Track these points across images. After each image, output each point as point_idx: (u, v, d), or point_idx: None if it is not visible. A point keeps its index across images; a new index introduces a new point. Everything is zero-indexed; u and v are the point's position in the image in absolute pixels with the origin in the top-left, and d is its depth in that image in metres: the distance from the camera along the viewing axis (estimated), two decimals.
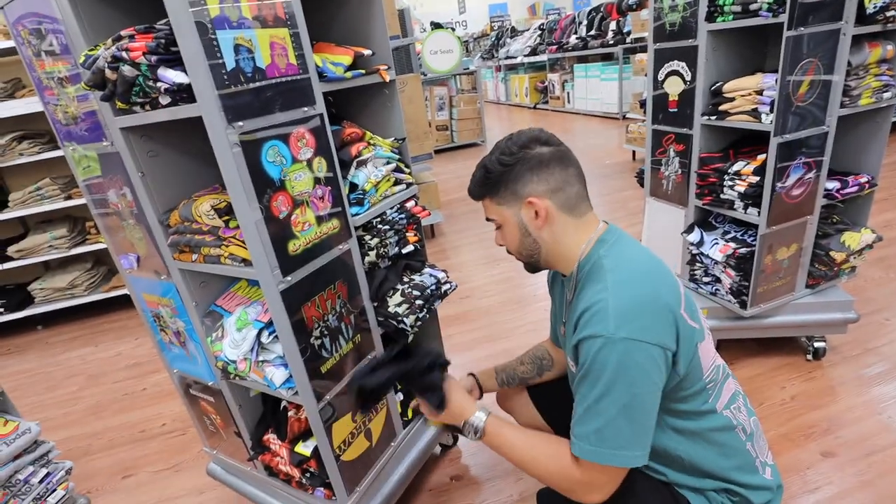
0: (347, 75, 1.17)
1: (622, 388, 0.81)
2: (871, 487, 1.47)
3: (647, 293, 0.85)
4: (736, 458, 0.96)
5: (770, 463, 1.02)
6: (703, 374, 0.91)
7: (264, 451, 1.37)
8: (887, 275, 2.52)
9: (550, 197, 0.95)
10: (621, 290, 0.85)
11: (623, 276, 0.88)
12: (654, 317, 0.84)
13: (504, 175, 0.96)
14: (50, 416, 2.43)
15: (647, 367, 0.82)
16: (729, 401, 0.97)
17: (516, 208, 0.98)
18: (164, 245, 1.17)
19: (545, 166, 0.95)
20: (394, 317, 1.29)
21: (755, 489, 0.95)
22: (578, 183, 0.98)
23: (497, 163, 0.96)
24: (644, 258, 0.94)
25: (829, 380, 1.91)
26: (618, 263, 0.90)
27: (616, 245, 0.94)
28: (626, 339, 0.81)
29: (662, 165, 2.04)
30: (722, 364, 1.00)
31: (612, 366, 0.81)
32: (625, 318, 0.82)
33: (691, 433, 0.94)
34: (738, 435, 0.96)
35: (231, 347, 1.16)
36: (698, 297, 2.03)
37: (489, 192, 1.00)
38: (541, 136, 0.97)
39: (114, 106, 1.02)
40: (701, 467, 0.95)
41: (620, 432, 0.83)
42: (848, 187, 1.80)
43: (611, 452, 0.83)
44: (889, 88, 1.71)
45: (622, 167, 5.20)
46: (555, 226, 0.97)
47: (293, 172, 1.02)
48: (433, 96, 6.75)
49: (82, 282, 3.29)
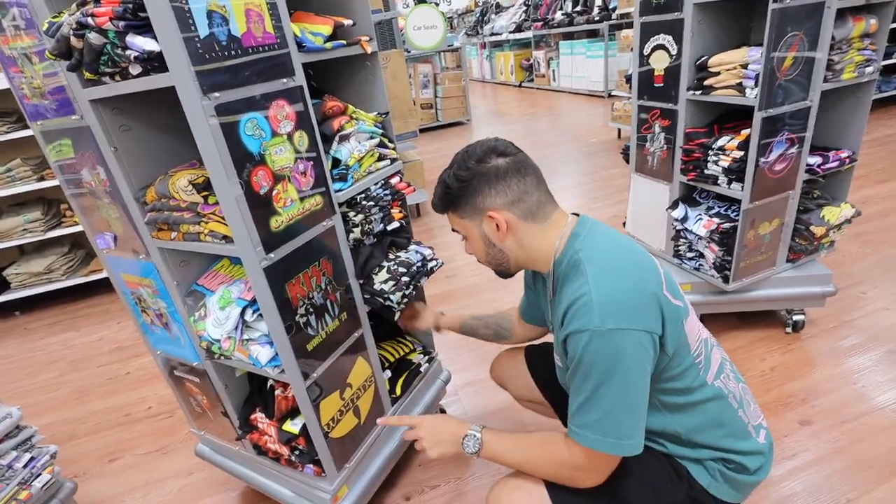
0: (328, 46, 1.14)
1: (616, 378, 0.83)
2: (845, 454, 1.52)
3: (627, 281, 0.87)
4: (729, 426, 0.98)
5: (764, 426, 1.04)
6: (690, 349, 0.93)
7: (252, 431, 1.37)
8: (864, 250, 2.58)
9: (510, 208, 0.96)
10: (602, 282, 0.86)
11: (602, 267, 0.88)
12: (637, 304, 0.85)
13: (462, 190, 0.97)
14: (32, 402, 2.39)
15: (637, 355, 0.83)
16: (717, 371, 0.98)
17: (478, 221, 0.99)
18: (141, 223, 1.14)
19: (502, 179, 0.95)
20: (380, 294, 1.28)
21: (749, 454, 0.97)
22: (538, 189, 0.98)
23: (455, 178, 0.97)
24: (619, 246, 0.94)
25: (807, 352, 1.96)
26: (594, 255, 0.91)
27: (589, 237, 0.95)
28: (612, 329, 0.82)
29: (648, 141, 2.04)
30: (707, 336, 1.01)
31: (603, 357, 0.83)
32: (609, 310, 0.83)
33: (684, 407, 0.96)
34: (731, 403, 0.98)
35: (214, 326, 1.14)
36: (682, 272, 2.05)
37: (450, 206, 1.02)
38: (497, 147, 0.97)
39: (81, 77, 0.97)
40: (696, 439, 0.97)
41: (620, 422, 0.85)
42: (829, 162, 1.82)
43: (613, 442, 0.86)
44: (871, 63, 1.72)
45: (608, 145, 5.20)
46: (518, 234, 0.98)
47: (273, 146, 0.99)
48: (417, 73, 6.64)
49: (60, 266, 3.22)
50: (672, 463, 0.99)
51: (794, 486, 1.44)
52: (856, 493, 1.40)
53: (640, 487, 0.97)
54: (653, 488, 0.97)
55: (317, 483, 1.32)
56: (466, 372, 2.08)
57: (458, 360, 2.15)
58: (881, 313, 2.10)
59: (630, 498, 0.97)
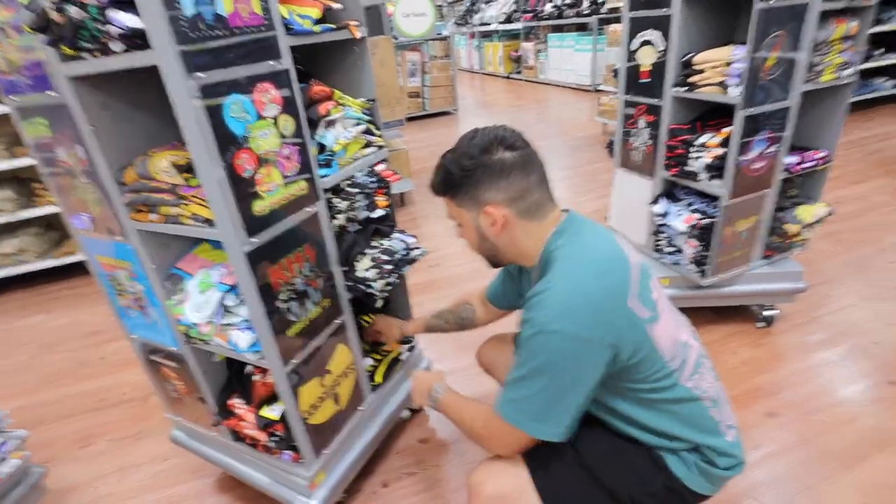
0: (316, 29, 1.12)
1: (549, 374, 0.87)
2: (810, 444, 1.58)
3: (589, 288, 0.87)
4: (700, 424, 0.99)
5: (734, 426, 1.04)
6: (662, 355, 0.93)
7: (229, 416, 1.36)
8: (835, 248, 2.66)
9: (509, 205, 0.95)
10: (563, 284, 0.87)
11: (569, 269, 0.90)
12: (592, 313, 0.85)
13: (464, 179, 0.95)
14: (0, 386, 2.33)
15: (578, 359, 0.86)
16: (692, 372, 0.99)
17: (475, 213, 0.98)
18: (119, 204, 1.11)
19: (506, 175, 0.93)
20: (362, 281, 1.28)
21: (720, 453, 0.99)
22: (540, 188, 0.97)
23: (457, 166, 0.95)
24: (596, 248, 0.94)
25: (777, 346, 2.02)
26: (567, 255, 0.92)
27: (571, 236, 0.95)
28: (558, 331, 0.84)
29: (632, 136, 2.06)
30: (685, 341, 1.00)
31: (542, 353, 0.86)
32: (560, 311, 0.85)
33: (654, 403, 0.97)
34: (703, 403, 0.98)
35: (193, 311, 1.13)
36: (661, 266, 2.09)
37: (448, 192, 1.00)
38: (505, 139, 0.94)
39: (60, 52, 0.94)
40: (668, 433, 0.99)
41: (538, 408, 0.90)
42: (806, 162, 1.87)
43: (524, 421, 0.91)
44: (850, 65, 1.76)
45: (593, 139, 5.24)
46: (513, 231, 0.98)
47: (258, 130, 0.98)
48: (405, 61, 6.57)
49: (32, 247, 3.12)
50: (650, 453, 1.01)
51: (760, 476, 1.49)
52: (818, 482, 1.46)
53: (619, 474, 1.00)
54: (633, 474, 1.00)
55: (294, 469, 1.33)
56: (446, 360, 2.09)
57: (439, 349, 2.16)
58: (848, 310, 2.18)
59: (609, 483, 1.00)
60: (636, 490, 0.99)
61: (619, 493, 0.99)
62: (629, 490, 0.99)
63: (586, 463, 1.02)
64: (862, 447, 1.55)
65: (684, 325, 1.04)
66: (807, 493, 1.43)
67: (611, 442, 1.03)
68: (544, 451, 1.05)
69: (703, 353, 1.06)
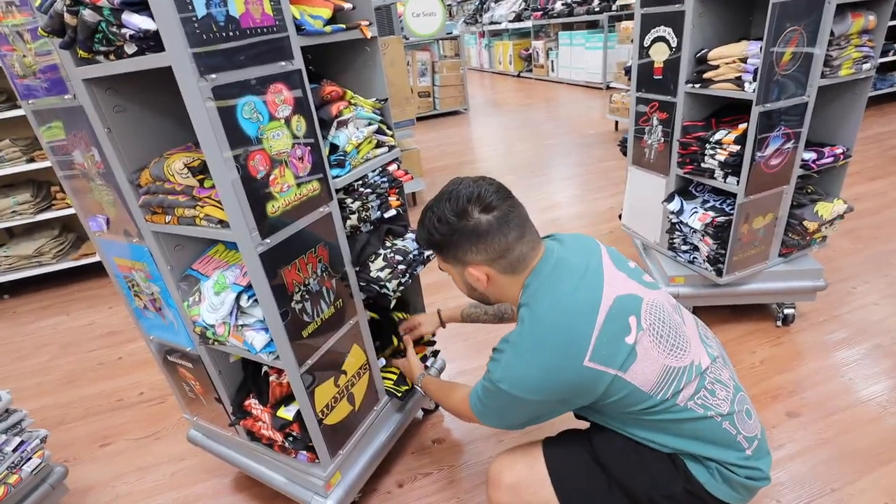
0: (327, 29, 1.12)
1: (497, 408, 1.00)
2: (831, 445, 1.55)
3: (538, 363, 0.91)
4: (714, 439, 0.95)
5: (758, 436, 0.99)
6: (645, 391, 0.91)
7: (246, 417, 1.37)
8: (855, 245, 2.61)
9: (491, 265, 0.98)
10: (516, 355, 0.93)
11: (525, 339, 0.93)
12: (538, 384, 0.91)
13: (444, 242, 0.98)
14: (21, 387, 2.37)
15: (522, 409, 0.97)
16: (693, 393, 0.94)
17: (460, 269, 1.02)
18: (134, 206, 1.12)
19: (483, 237, 0.94)
20: (376, 281, 1.28)
21: (738, 466, 0.95)
22: (520, 242, 0.96)
23: (436, 230, 0.98)
24: (555, 309, 0.92)
25: (796, 345, 1.99)
26: (526, 318, 0.94)
27: (534, 294, 0.95)
28: (506, 391, 0.93)
29: (645, 134, 2.04)
30: (685, 365, 0.94)
31: (494, 396, 0.97)
32: (508, 377, 0.93)
33: (658, 424, 0.95)
34: (712, 420, 0.94)
35: (209, 311, 1.13)
36: (675, 264, 2.06)
37: (433, 249, 1.05)
38: (482, 197, 0.94)
39: (75, 55, 0.95)
40: (681, 448, 0.96)
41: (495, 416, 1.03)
42: (824, 158, 1.83)
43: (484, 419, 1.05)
44: (868, 60, 1.73)
45: (604, 137, 5.20)
46: (499, 284, 1.01)
47: (271, 130, 0.98)
48: (415, 61, 6.58)
49: (50, 249, 3.18)
50: (670, 456, 0.98)
51: (780, 476, 1.47)
52: (840, 483, 1.43)
53: (635, 473, 0.99)
54: (649, 476, 0.98)
55: (310, 469, 1.33)
56: (459, 361, 2.09)
57: (453, 350, 2.16)
58: (869, 308, 2.13)
59: (627, 483, 0.99)
60: (653, 491, 0.97)
61: (636, 491, 0.98)
62: (646, 490, 0.98)
63: (602, 460, 1.02)
64: (885, 448, 1.51)
65: (688, 345, 0.98)
66: (829, 495, 1.40)
67: (628, 442, 1.01)
68: (562, 446, 1.08)
69: (717, 366, 1.00)
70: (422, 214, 1.02)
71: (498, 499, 1.07)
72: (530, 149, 5.20)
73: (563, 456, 1.06)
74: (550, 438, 1.12)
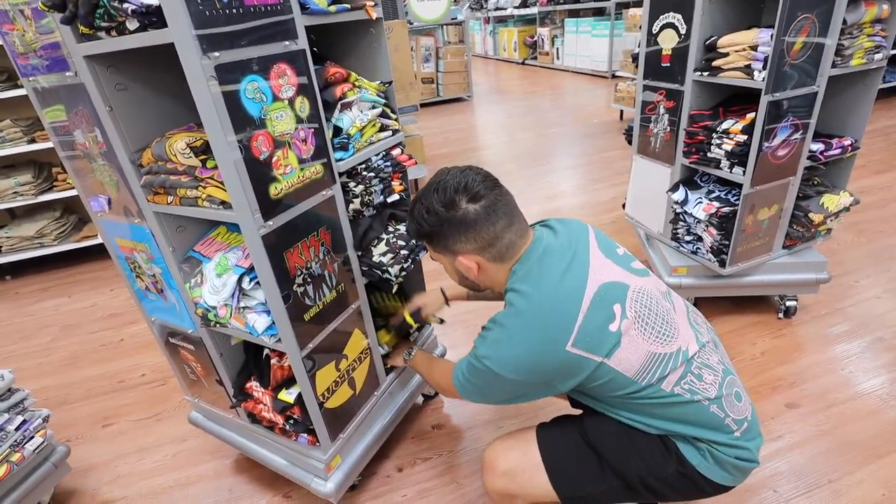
0: (332, 9, 1.10)
1: (480, 384, 1.00)
2: (829, 436, 1.56)
3: (521, 344, 0.92)
4: (701, 421, 0.96)
5: (748, 418, 0.99)
6: (628, 377, 0.92)
7: (247, 399, 1.37)
8: (859, 239, 2.60)
9: (480, 253, 0.98)
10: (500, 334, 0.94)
11: (510, 320, 0.94)
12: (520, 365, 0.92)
13: (433, 233, 0.99)
14: (23, 367, 2.38)
15: (503, 387, 0.97)
16: (679, 378, 0.94)
17: (451, 258, 1.02)
18: (136, 187, 1.11)
19: (471, 227, 0.95)
20: (378, 266, 1.27)
21: (728, 446, 0.97)
22: (508, 231, 0.97)
23: (424, 221, 0.98)
24: (539, 294, 0.92)
25: (797, 337, 1.99)
26: (512, 301, 0.95)
27: (521, 280, 0.96)
28: (489, 368, 0.94)
29: (651, 122, 2.02)
30: (672, 351, 0.95)
31: (480, 377, 0.98)
32: (493, 356, 0.94)
33: (645, 407, 0.96)
34: (699, 403, 0.95)
35: (211, 293, 1.13)
36: (679, 255, 2.05)
37: (423, 240, 1.06)
38: (469, 187, 0.94)
39: (76, 31, 0.94)
40: (669, 430, 0.98)
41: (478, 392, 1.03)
42: (831, 149, 1.81)
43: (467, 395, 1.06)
44: (881, 49, 1.70)
45: (609, 126, 5.16)
46: (489, 272, 1.02)
47: (274, 111, 0.97)
48: (419, 46, 6.51)
49: (51, 230, 3.17)
50: (662, 438, 1.00)
51: (779, 466, 1.47)
52: (838, 475, 1.44)
53: (626, 456, 1.00)
54: (641, 459, 0.99)
55: (311, 452, 1.34)
56: (460, 347, 2.09)
57: (453, 336, 2.16)
58: (872, 302, 2.13)
59: (620, 467, 1.00)
60: (646, 474, 0.99)
61: (629, 475, 0.99)
62: (639, 473, 0.99)
63: (595, 444, 1.03)
64: (883, 440, 1.52)
65: (676, 331, 0.98)
66: (827, 486, 1.41)
67: (619, 426, 1.02)
68: (556, 431, 1.09)
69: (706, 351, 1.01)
70: (410, 206, 1.02)
71: (493, 485, 1.08)
72: (534, 137, 5.16)
73: (556, 441, 1.08)
74: (544, 424, 1.12)
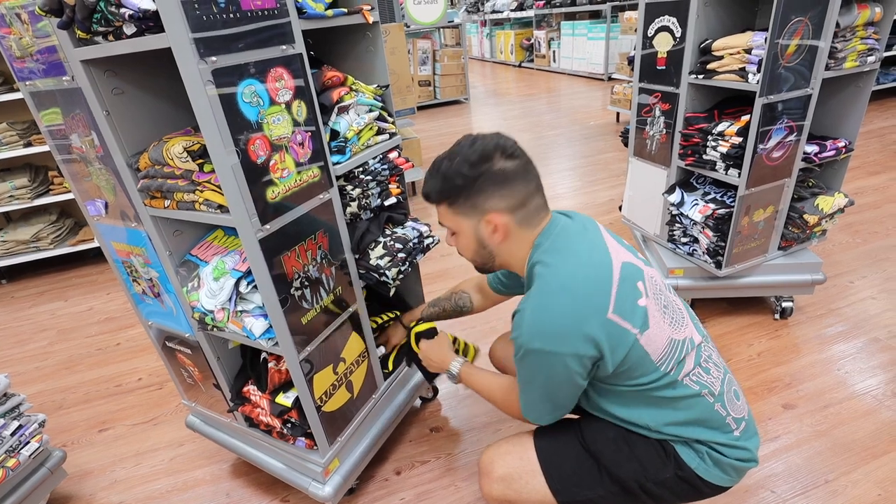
0: (328, 13, 1.11)
1: (539, 382, 0.94)
2: (826, 437, 1.56)
3: (562, 310, 0.88)
4: (705, 420, 0.97)
5: (745, 417, 1.01)
6: (653, 359, 0.91)
7: (244, 403, 1.37)
8: (854, 240, 2.61)
9: (511, 213, 0.95)
10: (538, 305, 0.90)
11: (543, 291, 0.90)
12: (566, 332, 0.87)
13: (465, 187, 0.93)
14: (20, 371, 2.37)
15: (560, 371, 0.90)
16: (691, 368, 0.96)
17: (475, 220, 0.96)
18: (133, 191, 1.11)
19: (508, 182, 0.92)
20: (375, 269, 1.27)
21: (728, 447, 0.97)
22: (538, 195, 0.97)
23: (459, 174, 0.92)
24: (571, 265, 0.91)
25: (794, 338, 1.99)
26: (544, 273, 0.92)
27: (547, 252, 0.94)
28: (537, 350, 0.89)
29: (647, 125, 2.03)
30: (684, 338, 0.96)
31: (530, 367, 0.93)
32: (536, 332, 0.89)
33: (655, 402, 0.96)
34: (705, 399, 0.96)
35: (208, 297, 1.13)
36: (675, 256, 2.06)
37: (447, 199, 0.97)
38: (506, 147, 0.93)
39: (73, 35, 0.94)
40: (673, 433, 0.98)
41: (543, 409, 1.00)
42: (826, 151, 1.83)
43: (535, 417, 1.03)
44: (873, 52, 1.71)
45: (606, 129, 5.18)
46: (511, 239, 0.98)
47: (271, 115, 0.97)
48: (416, 49, 6.53)
49: (47, 234, 3.16)
50: (660, 442, 1.00)
51: (776, 467, 1.48)
52: (834, 475, 1.44)
53: (624, 461, 1.00)
54: (639, 463, 0.99)
55: (308, 456, 1.33)
56: None
57: None
58: (867, 302, 2.14)
59: (617, 472, 1.00)
60: (644, 478, 0.99)
61: (626, 479, 0.99)
62: (637, 477, 0.99)
63: (592, 449, 1.03)
64: (879, 440, 1.53)
65: (684, 319, 0.99)
66: (823, 486, 1.42)
67: (618, 431, 1.02)
68: (552, 436, 1.08)
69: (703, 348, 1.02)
70: (433, 165, 0.97)
71: (490, 490, 1.07)
72: (531, 139, 5.17)
73: (553, 446, 1.07)
74: (541, 429, 1.12)
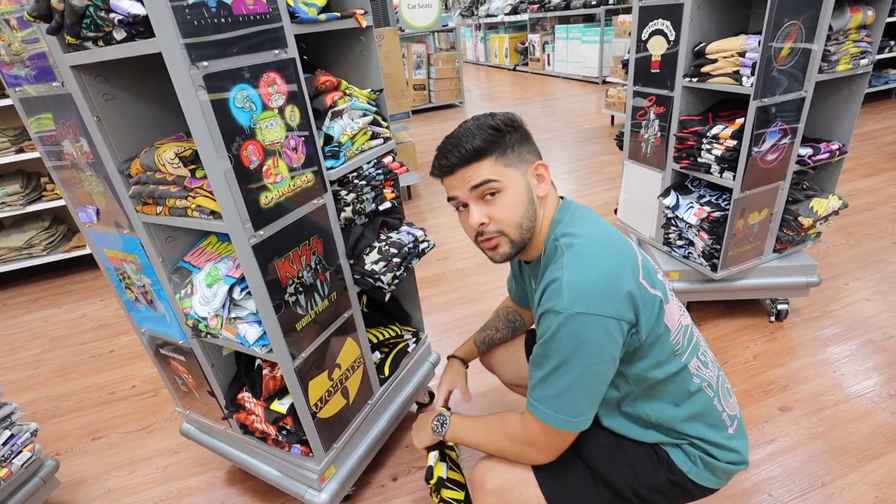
0: (321, 17, 1.10)
1: (577, 360, 0.84)
2: (822, 439, 1.56)
3: (600, 268, 0.86)
4: (707, 415, 0.98)
5: (737, 415, 1.04)
6: (670, 336, 0.93)
7: (239, 410, 1.36)
8: (848, 242, 2.62)
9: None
10: (574, 267, 0.86)
11: (576, 253, 0.88)
12: (607, 290, 0.84)
13: (513, 136, 0.92)
14: (12, 379, 2.35)
15: (602, 340, 0.84)
16: (692, 354, 0.98)
17: (523, 170, 0.93)
18: (125, 197, 1.10)
19: (532, 140, 0.97)
20: (370, 274, 1.26)
21: (720, 448, 0.98)
22: None
23: (504, 122, 0.92)
24: (597, 233, 0.93)
25: (789, 340, 2.00)
26: (572, 243, 0.90)
27: (570, 224, 0.95)
28: (580, 313, 0.82)
29: (642, 128, 2.03)
30: (689, 324, 1.00)
31: (569, 339, 0.84)
32: (577, 294, 0.83)
33: (660, 394, 0.97)
34: (705, 392, 0.98)
35: (201, 304, 1.12)
36: (671, 259, 2.06)
37: (497, 150, 0.90)
38: (513, 118, 0.97)
39: (63, 41, 0.93)
40: (678, 428, 0.98)
41: (575, 400, 0.87)
42: (819, 153, 1.83)
43: (566, 419, 0.88)
44: (866, 55, 1.72)
45: (600, 132, 5.19)
46: (548, 198, 0.98)
47: (264, 120, 0.97)
48: (410, 53, 6.54)
49: (40, 241, 3.14)
50: (653, 447, 1.00)
51: (772, 470, 1.48)
52: (831, 477, 1.44)
53: (617, 467, 1.00)
54: (632, 469, 0.99)
55: (304, 463, 1.32)
56: None
57: (447, 343, 2.15)
58: (861, 304, 2.14)
59: (611, 479, 0.99)
60: (636, 483, 0.99)
61: (619, 486, 0.99)
62: (630, 483, 0.99)
63: (586, 457, 1.02)
64: (875, 443, 1.53)
65: (684, 310, 1.03)
66: (820, 488, 1.41)
67: (610, 437, 1.03)
68: None
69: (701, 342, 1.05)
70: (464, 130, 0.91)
71: (483, 503, 1.04)
72: None
73: None
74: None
